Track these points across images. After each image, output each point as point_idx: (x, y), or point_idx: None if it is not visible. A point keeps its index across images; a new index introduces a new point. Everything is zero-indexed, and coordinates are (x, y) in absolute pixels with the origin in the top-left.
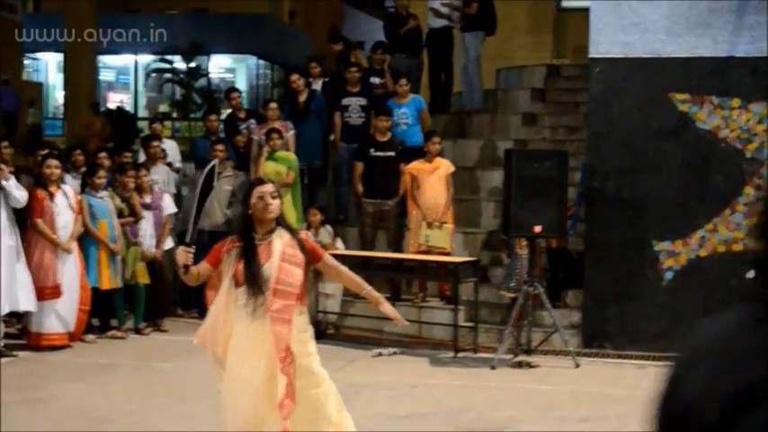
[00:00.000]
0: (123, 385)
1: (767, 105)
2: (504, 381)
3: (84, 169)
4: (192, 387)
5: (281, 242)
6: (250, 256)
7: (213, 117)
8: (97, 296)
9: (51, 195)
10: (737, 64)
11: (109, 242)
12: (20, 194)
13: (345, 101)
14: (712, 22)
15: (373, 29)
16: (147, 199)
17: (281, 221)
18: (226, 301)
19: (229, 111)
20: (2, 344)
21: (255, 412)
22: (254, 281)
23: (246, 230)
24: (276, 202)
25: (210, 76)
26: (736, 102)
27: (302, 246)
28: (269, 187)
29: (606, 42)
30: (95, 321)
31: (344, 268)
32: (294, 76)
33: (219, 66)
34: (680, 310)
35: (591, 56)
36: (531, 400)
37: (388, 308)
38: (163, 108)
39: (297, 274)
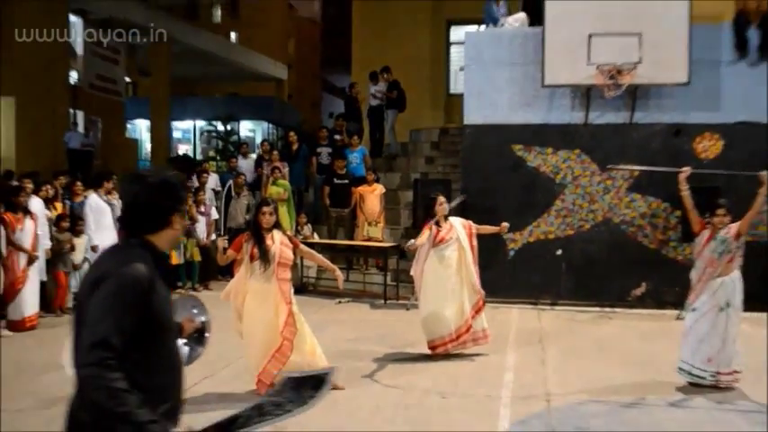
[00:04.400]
0: None
1: (568, 152)
2: (414, 317)
3: None
4: (222, 322)
5: (279, 236)
6: (261, 243)
7: (234, 161)
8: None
9: None
10: (551, 128)
11: None
12: None
13: (318, 149)
14: (535, 103)
15: (340, 105)
16: (203, 209)
17: (276, 225)
18: (245, 271)
19: (259, 153)
20: None
21: (268, 339)
22: (264, 257)
23: (257, 229)
24: (272, 217)
25: (240, 134)
26: (549, 150)
27: (290, 239)
28: (269, 208)
29: (474, 114)
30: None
31: (314, 252)
32: (291, 134)
33: (246, 128)
34: (518, 273)
35: (465, 122)
36: None
37: (338, 275)
38: (211, 154)
39: (290, 254)
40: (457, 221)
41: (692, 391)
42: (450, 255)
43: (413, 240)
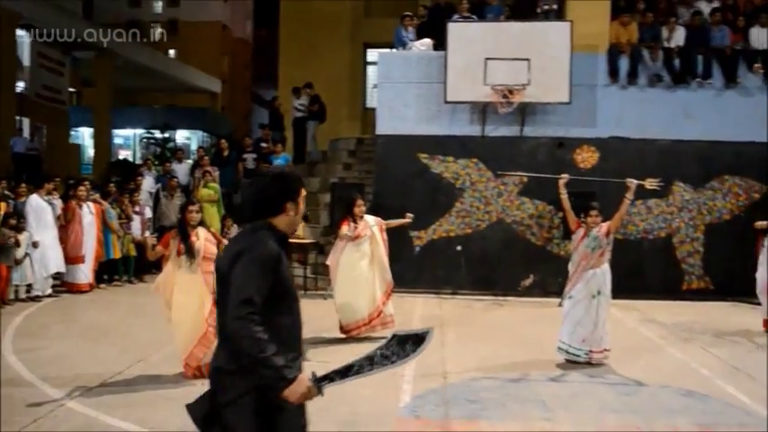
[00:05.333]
0: (121, 311)
1: (467, 160)
2: (330, 305)
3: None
4: (154, 311)
5: (203, 233)
6: (186, 239)
7: (168, 165)
8: (107, 262)
9: (80, 206)
10: (452, 139)
11: (117, 231)
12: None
13: (244, 156)
14: (439, 117)
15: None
16: (137, 208)
17: (201, 223)
18: (173, 265)
19: (194, 159)
20: (50, 290)
21: (194, 326)
22: (190, 252)
23: (183, 226)
24: (198, 215)
25: (177, 141)
26: (450, 159)
27: (213, 235)
28: (195, 207)
29: (385, 126)
30: (106, 276)
31: None
32: (223, 142)
33: (182, 136)
34: (423, 267)
35: (377, 133)
36: None
37: None
38: (151, 158)
39: (214, 249)
40: (370, 219)
41: (569, 367)
42: (364, 249)
43: (347, 233)
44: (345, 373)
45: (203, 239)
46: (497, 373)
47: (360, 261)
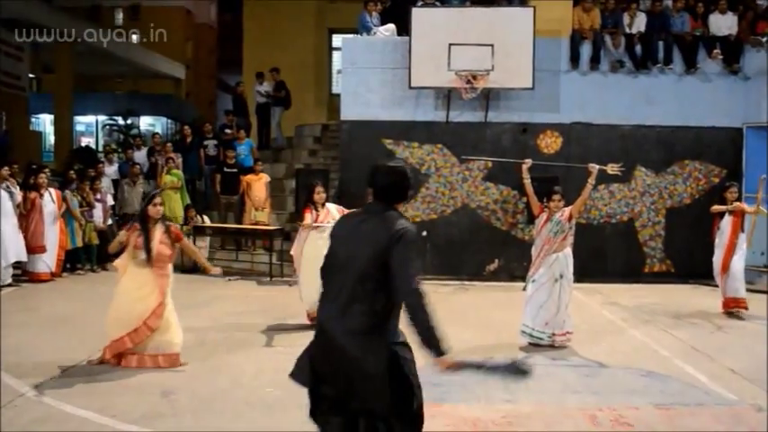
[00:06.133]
0: (82, 300)
1: (431, 146)
2: (296, 292)
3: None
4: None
5: (159, 233)
6: (145, 236)
7: (130, 152)
8: (68, 251)
9: (41, 195)
10: (417, 125)
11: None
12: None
13: (205, 142)
14: (403, 102)
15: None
16: (99, 196)
17: (163, 217)
18: (129, 254)
19: (151, 145)
20: (10, 279)
21: (129, 314)
22: (147, 249)
23: (144, 221)
24: (160, 208)
25: (140, 128)
26: (415, 144)
27: (170, 231)
28: (158, 199)
29: (350, 112)
30: (68, 265)
31: (195, 250)
32: (187, 129)
33: (145, 122)
34: None
35: (342, 119)
36: None
37: (214, 270)
38: (113, 146)
39: (167, 251)
40: (333, 207)
41: (533, 350)
42: (327, 236)
43: (309, 222)
44: (478, 367)
45: (157, 241)
46: (461, 357)
47: (324, 249)
